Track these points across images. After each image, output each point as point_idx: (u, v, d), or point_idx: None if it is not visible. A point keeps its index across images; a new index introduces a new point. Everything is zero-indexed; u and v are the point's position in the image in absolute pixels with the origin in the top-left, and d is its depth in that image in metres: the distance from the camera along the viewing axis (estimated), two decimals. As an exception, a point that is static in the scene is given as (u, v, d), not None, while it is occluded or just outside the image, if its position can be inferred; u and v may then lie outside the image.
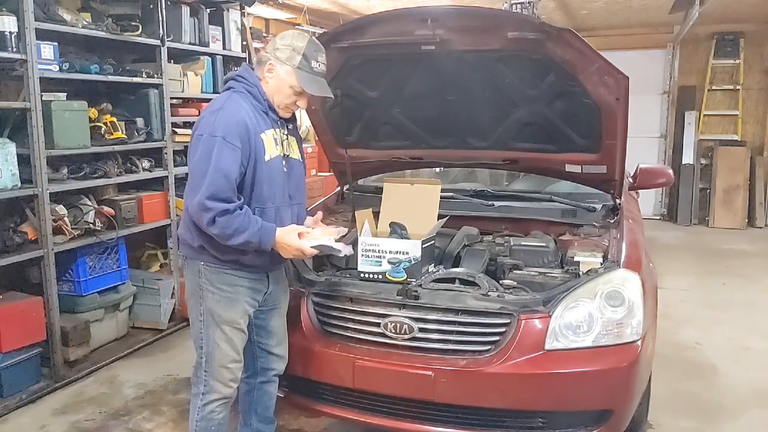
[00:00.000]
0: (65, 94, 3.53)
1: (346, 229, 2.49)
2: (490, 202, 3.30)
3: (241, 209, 2.11)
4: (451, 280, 2.56)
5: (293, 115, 2.39)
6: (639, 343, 2.33)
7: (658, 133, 8.60)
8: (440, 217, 2.96)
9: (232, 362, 2.30)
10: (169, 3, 4.14)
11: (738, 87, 8.16)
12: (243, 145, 2.12)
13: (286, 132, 2.34)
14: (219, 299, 2.24)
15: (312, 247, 2.21)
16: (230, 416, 2.42)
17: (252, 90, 2.23)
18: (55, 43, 3.37)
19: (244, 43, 5.06)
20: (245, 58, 5.05)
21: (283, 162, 2.30)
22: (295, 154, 2.40)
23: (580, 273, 2.58)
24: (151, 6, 4.05)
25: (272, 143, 2.24)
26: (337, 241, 2.32)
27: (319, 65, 2.26)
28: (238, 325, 2.29)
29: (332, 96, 2.38)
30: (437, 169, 3.99)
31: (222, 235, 2.09)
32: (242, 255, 2.21)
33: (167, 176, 4.23)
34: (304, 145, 2.59)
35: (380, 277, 2.59)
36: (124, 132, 3.92)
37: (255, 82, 2.24)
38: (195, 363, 2.33)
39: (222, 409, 2.32)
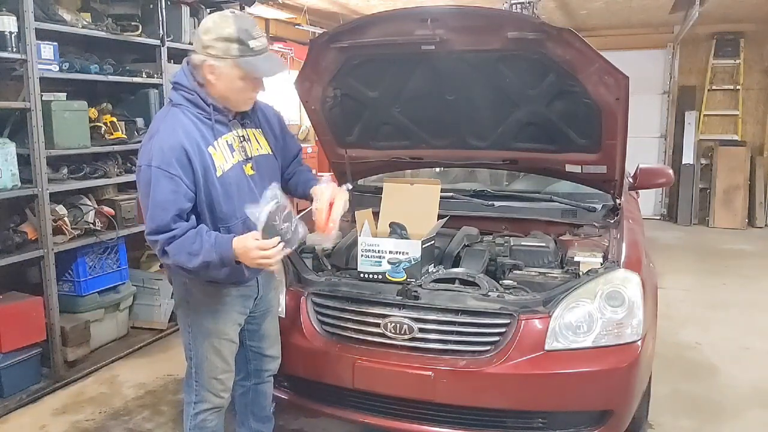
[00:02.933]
0: (65, 94, 3.53)
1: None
2: (490, 202, 3.30)
3: (189, 231, 1.93)
4: (451, 281, 2.55)
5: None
6: (639, 343, 2.33)
7: (658, 133, 8.60)
8: (440, 217, 2.96)
9: (223, 373, 2.24)
10: (169, 3, 4.14)
11: (738, 87, 8.15)
12: (184, 170, 1.92)
13: (242, 131, 2.13)
14: (205, 312, 2.16)
15: (261, 242, 1.91)
16: (228, 417, 2.41)
17: (192, 97, 2.01)
18: (55, 43, 3.37)
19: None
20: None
21: (244, 167, 2.09)
22: (262, 150, 2.19)
23: (580, 273, 2.58)
24: (151, 6, 4.05)
25: (224, 154, 2.03)
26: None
27: (258, 41, 1.97)
28: (227, 336, 2.21)
29: (286, 70, 2.15)
30: (437, 169, 3.99)
31: (177, 262, 1.94)
32: (216, 272, 2.00)
33: (167, 176, 4.22)
34: (303, 145, 2.54)
35: (380, 277, 2.59)
36: (124, 132, 3.92)
37: (193, 87, 2.00)
38: (186, 371, 2.30)
39: (214, 417, 2.29)
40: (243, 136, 2.14)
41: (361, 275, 2.62)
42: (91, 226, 3.67)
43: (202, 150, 1.99)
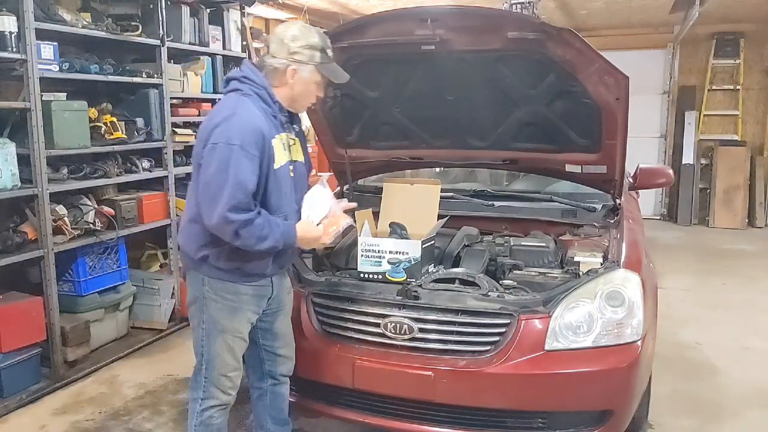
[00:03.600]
0: (65, 94, 3.53)
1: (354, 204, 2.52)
2: (490, 202, 3.30)
3: (259, 215, 2.05)
4: (451, 281, 2.56)
5: (298, 116, 2.35)
6: (639, 343, 2.33)
7: (658, 133, 8.60)
8: (440, 217, 2.96)
9: (233, 371, 2.28)
10: (169, 3, 4.14)
11: (738, 87, 8.15)
12: (260, 153, 2.05)
13: (293, 135, 2.28)
14: (222, 308, 2.20)
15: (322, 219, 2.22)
16: (241, 419, 2.41)
17: (261, 93, 2.14)
18: (55, 43, 3.37)
19: (244, 43, 5.06)
20: (245, 58, 5.05)
21: (290, 168, 2.23)
22: (300, 157, 2.33)
23: (580, 273, 2.58)
24: (151, 6, 4.05)
25: (281, 150, 2.17)
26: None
27: (331, 51, 2.22)
28: (240, 334, 2.27)
29: (348, 78, 2.32)
30: (437, 169, 3.99)
31: (247, 245, 2.05)
32: (246, 263, 2.16)
33: (167, 176, 4.23)
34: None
35: (380, 277, 2.59)
36: (124, 132, 3.91)
37: (263, 83, 2.14)
38: (194, 368, 2.31)
39: (220, 415, 2.31)
40: (292, 139, 2.28)
41: (361, 275, 2.62)
42: (91, 226, 3.67)
43: (269, 139, 2.11)
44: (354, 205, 2.49)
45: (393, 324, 2.41)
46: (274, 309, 2.40)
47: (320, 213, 2.25)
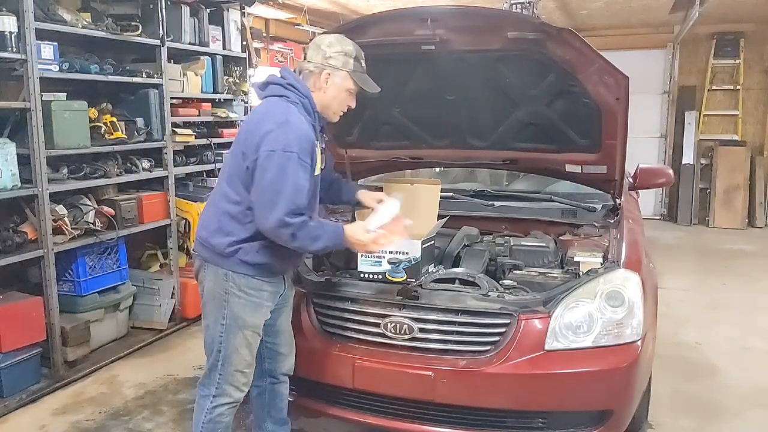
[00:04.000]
0: (65, 94, 3.53)
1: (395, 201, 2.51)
2: (490, 202, 3.30)
3: (311, 217, 2.16)
4: (451, 281, 2.56)
5: (323, 128, 2.39)
6: (639, 343, 2.33)
7: (658, 133, 8.60)
8: (440, 217, 2.96)
9: (248, 366, 2.31)
10: (169, 3, 4.14)
11: (738, 87, 8.15)
12: (311, 161, 2.15)
13: (322, 144, 2.36)
14: (245, 304, 2.23)
15: (376, 228, 2.28)
16: (241, 419, 2.41)
17: (304, 102, 2.21)
18: (55, 43, 3.37)
19: (244, 43, 5.06)
20: (245, 58, 5.06)
21: (317, 176, 2.32)
22: (323, 166, 2.42)
23: (580, 273, 2.58)
24: (151, 6, 4.05)
25: (319, 157, 2.27)
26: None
27: (364, 62, 2.31)
28: (258, 329, 2.30)
29: (378, 90, 2.38)
30: (437, 169, 3.99)
31: (302, 245, 2.15)
32: (273, 260, 2.22)
33: (167, 176, 4.23)
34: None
35: (380, 277, 2.59)
36: (124, 132, 3.91)
37: (307, 93, 2.23)
38: (207, 365, 2.31)
39: (229, 413, 2.32)
40: (322, 148, 2.36)
41: (361, 275, 2.62)
42: (91, 226, 3.67)
43: (314, 148, 2.20)
44: (406, 231, 2.46)
45: (393, 324, 2.41)
46: (280, 306, 2.42)
47: (380, 222, 2.33)
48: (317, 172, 2.26)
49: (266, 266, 2.23)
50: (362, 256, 2.62)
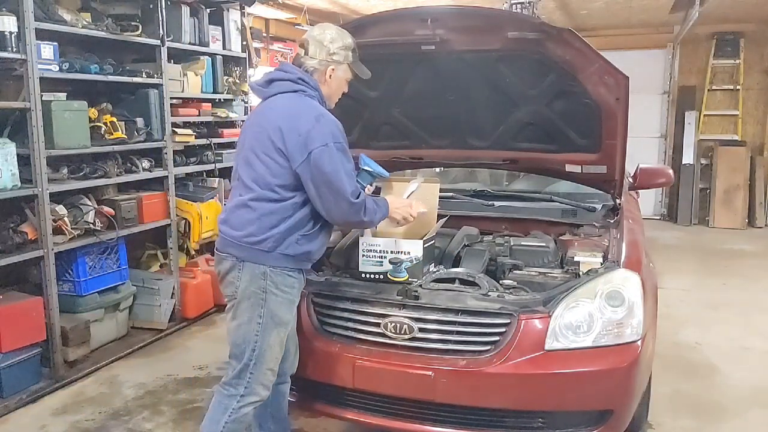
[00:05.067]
0: (65, 94, 3.53)
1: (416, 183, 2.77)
2: (490, 202, 3.30)
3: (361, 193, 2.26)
4: (451, 280, 2.56)
5: None
6: (639, 343, 2.33)
7: (658, 133, 8.60)
8: (440, 217, 2.96)
9: (277, 364, 2.33)
10: (169, 3, 4.14)
11: (738, 87, 8.15)
12: None
13: None
14: (282, 301, 2.26)
15: (408, 196, 2.53)
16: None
17: (316, 95, 2.30)
18: (55, 43, 3.37)
19: (244, 43, 5.06)
20: (245, 58, 5.06)
21: None
22: None
23: (580, 273, 2.58)
24: (151, 6, 4.05)
25: None
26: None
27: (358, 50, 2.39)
28: (289, 327, 2.34)
29: (370, 74, 2.45)
30: (437, 169, 3.99)
31: (372, 219, 2.30)
32: (314, 247, 2.31)
33: (167, 176, 4.23)
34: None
35: (381, 277, 2.59)
36: (124, 132, 3.91)
37: (317, 86, 2.31)
38: (238, 365, 2.27)
39: (252, 412, 2.34)
40: None
41: (363, 275, 2.62)
42: (91, 226, 3.67)
43: None
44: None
45: (393, 324, 2.41)
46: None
47: (411, 191, 2.71)
48: None
49: (306, 255, 2.30)
50: (363, 256, 2.62)
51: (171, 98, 4.25)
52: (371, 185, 2.62)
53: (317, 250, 2.36)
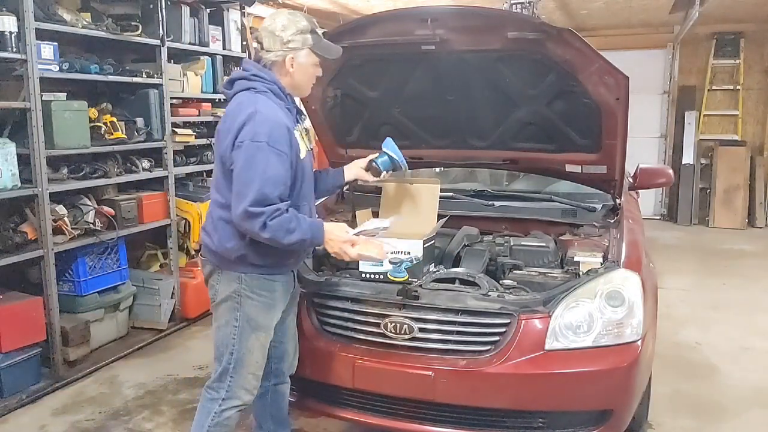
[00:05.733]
0: (65, 94, 3.53)
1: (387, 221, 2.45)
2: (490, 202, 3.30)
3: (287, 211, 2.07)
4: (451, 280, 2.55)
5: (298, 106, 2.38)
6: (639, 343, 2.33)
7: (658, 133, 8.60)
8: (440, 217, 2.96)
9: (260, 369, 2.30)
10: (169, 3, 4.14)
11: (738, 87, 8.15)
12: (288, 149, 2.09)
13: (305, 125, 2.34)
14: (258, 305, 2.22)
15: (356, 233, 2.21)
16: (241, 418, 2.41)
17: (272, 88, 2.17)
18: (55, 43, 3.37)
19: (244, 43, 5.06)
20: (245, 58, 5.05)
21: (312, 157, 2.31)
22: (312, 145, 2.39)
23: (580, 273, 2.57)
24: (151, 6, 4.05)
25: (302, 140, 2.23)
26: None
27: (320, 29, 2.25)
28: (270, 331, 2.29)
29: (341, 51, 2.34)
30: (437, 169, 3.99)
31: (274, 237, 2.04)
32: (284, 256, 2.21)
33: (167, 176, 4.23)
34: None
35: (381, 277, 2.59)
36: (124, 132, 3.91)
37: (273, 78, 2.18)
38: (218, 368, 2.26)
39: (236, 417, 2.31)
40: (306, 128, 2.33)
41: (363, 275, 2.62)
42: (91, 226, 3.67)
43: (292, 132, 2.15)
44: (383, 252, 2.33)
45: (393, 324, 2.41)
46: (289, 305, 2.42)
47: (365, 228, 2.29)
48: (303, 155, 2.21)
49: (277, 263, 2.22)
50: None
51: (171, 98, 4.25)
52: (388, 172, 2.56)
53: (290, 256, 2.25)
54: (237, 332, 2.22)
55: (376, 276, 2.60)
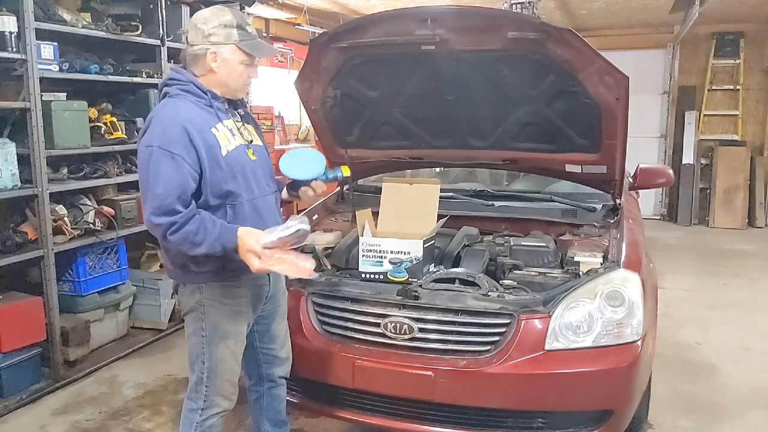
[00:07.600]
0: (65, 94, 3.53)
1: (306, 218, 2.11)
2: (490, 202, 3.30)
3: (193, 218, 1.95)
4: (451, 280, 2.55)
5: (241, 100, 2.28)
6: (639, 343, 2.33)
7: (658, 133, 8.60)
8: (440, 217, 2.96)
9: (235, 375, 2.26)
10: (169, 3, 4.14)
11: (738, 87, 8.16)
12: (186, 150, 1.95)
13: (239, 121, 2.21)
14: (222, 313, 2.16)
15: (271, 241, 1.96)
16: (241, 419, 2.41)
17: (188, 87, 2.08)
18: (55, 43, 3.37)
19: (244, 43, 5.05)
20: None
21: (247, 151, 2.17)
22: (258, 141, 2.27)
23: (580, 273, 2.57)
24: (151, 6, 4.06)
25: (227, 136, 2.11)
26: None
27: (251, 27, 2.13)
28: (242, 337, 2.24)
29: (276, 52, 2.25)
30: (437, 169, 3.99)
31: (181, 250, 1.97)
32: (228, 262, 2.05)
33: (167, 176, 4.22)
34: (304, 145, 2.57)
35: (381, 277, 2.59)
36: (124, 132, 3.92)
37: (189, 79, 2.09)
38: (193, 379, 2.23)
39: (220, 423, 2.28)
40: (238, 123, 2.22)
41: (363, 275, 2.62)
42: (91, 226, 3.68)
43: (204, 130, 2.04)
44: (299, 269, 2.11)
45: (393, 324, 2.41)
46: (271, 310, 2.38)
47: (277, 236, 1.97)
48: (226, 151, 2.07)
49: (223, 268, 2.09)
50: (363, 256, 2.62)
51: (171, 98, 4.24)
52: (309, 186, 2.39)
53: (231, 259, 2.04)
54: (205, 341, 2.17)
55: (376, 276, 2.60)
